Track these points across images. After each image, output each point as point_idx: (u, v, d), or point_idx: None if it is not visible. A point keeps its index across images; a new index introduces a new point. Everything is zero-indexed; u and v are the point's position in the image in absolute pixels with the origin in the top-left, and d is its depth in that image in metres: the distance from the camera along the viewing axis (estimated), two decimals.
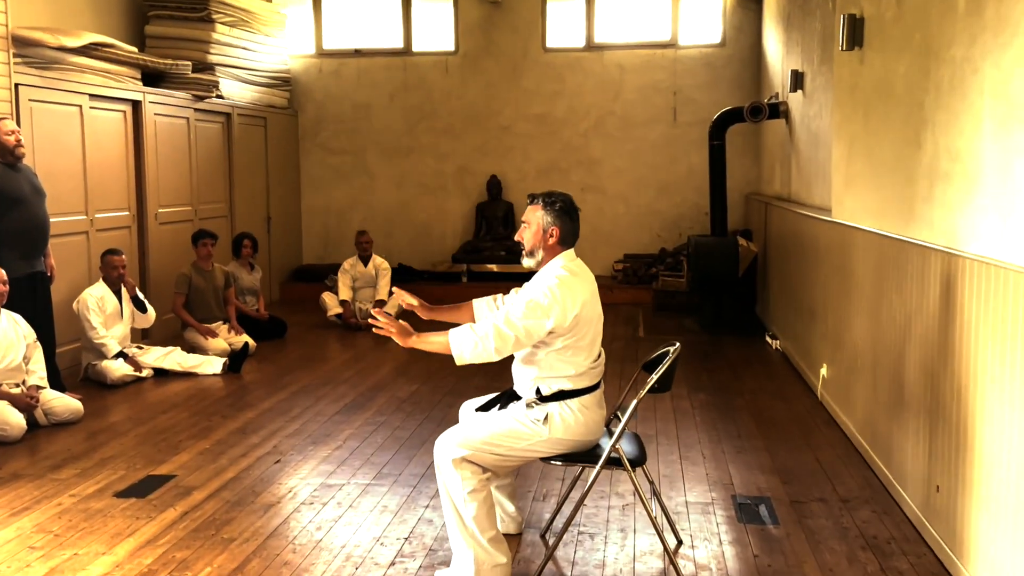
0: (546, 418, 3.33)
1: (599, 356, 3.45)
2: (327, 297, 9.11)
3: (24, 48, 6.46)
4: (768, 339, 7.75)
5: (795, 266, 6.86)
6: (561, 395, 3.35)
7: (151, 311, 7.00)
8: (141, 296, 6.95)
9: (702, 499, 4.22)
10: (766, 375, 6.71)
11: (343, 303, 8.96)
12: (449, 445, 3.31)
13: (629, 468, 3.32)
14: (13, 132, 5.74)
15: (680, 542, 3.69)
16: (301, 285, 10.95)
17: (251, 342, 7.63)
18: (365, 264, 9.20)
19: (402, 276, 10.59)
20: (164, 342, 7.46)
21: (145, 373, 6.82)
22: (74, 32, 7.02)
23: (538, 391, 3.37)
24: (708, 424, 5.44)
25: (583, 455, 3.38)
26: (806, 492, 4.29)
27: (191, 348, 7.49)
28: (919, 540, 3.71)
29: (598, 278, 3.65)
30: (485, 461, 3.31)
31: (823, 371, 5.73)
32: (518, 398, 3.47)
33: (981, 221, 3.34)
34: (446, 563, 3.48)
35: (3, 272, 5.41)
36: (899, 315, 4.14)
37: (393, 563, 3.54)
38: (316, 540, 3.76)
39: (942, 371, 3.56)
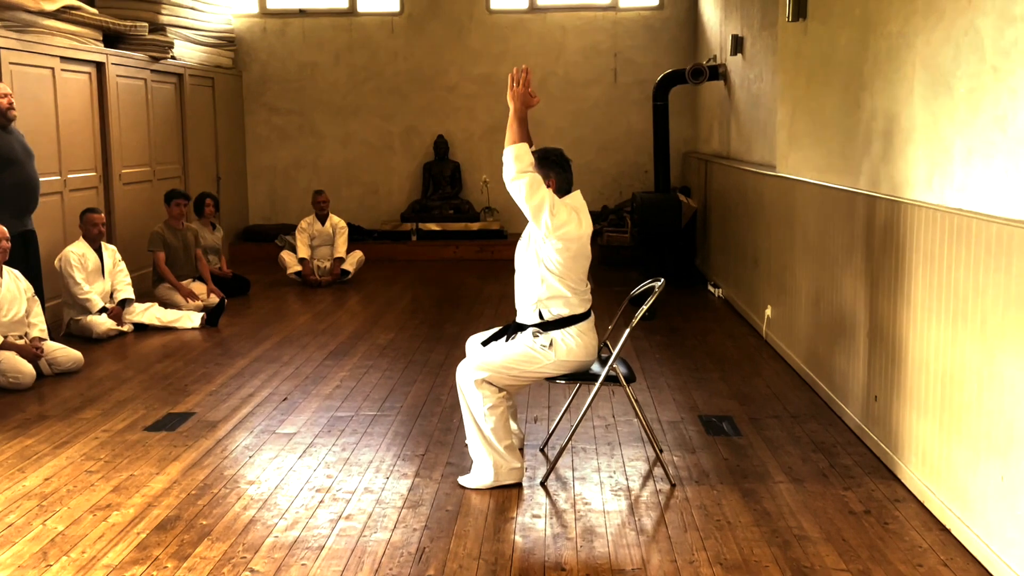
0: (551, 343, 3.86)
1: (587, 285, 4.02)
2: (286, 255, 9.43)
3: (2, 11, 6.60)
4: (711, 288, 8.42)
5: (738, 219, 7.50)
6: (562, 323, 3.89)
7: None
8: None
9: (673, 418, 4.83)
10: (712, 319, 7.37)
11: (302, 261, 9.30)
12: (470, 369, 3.84)
13: (625, 384, 3.89)
14: (6, 95, 5.96)
15: (661, 450, 4.28)
16: (250, 245, 11.18)
17: (224, 297, 7.95)
18: (322, 223, 9.54)
19: (350, 235, 10.85)
20: (136, 299, 7.70)
21: (126, 328, 7.12)
22: None
23: (540, 315, 3.88)
24: (668, 360, 6.06)
25: (584, 375, 3.94)
26: (761, 411, 4.94)
27: (164, 303, 7.76)
28: (859, 443, 4.39)
29: None
30: (501, 381, 3.85)
31: (767, 312, 6.39)
32: (522, 329, 3.99)
33: (912, 172, 3.96)
34: (464, 473, 4.00)
35: (5, 229, 5.65)
36: (841, 255, 4.79)
37: (418, 474, 4.05)
38: (344, 458, 4.24)
39: (880, 299, 4.21)
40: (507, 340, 4.00)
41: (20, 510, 3.67)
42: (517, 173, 3.82)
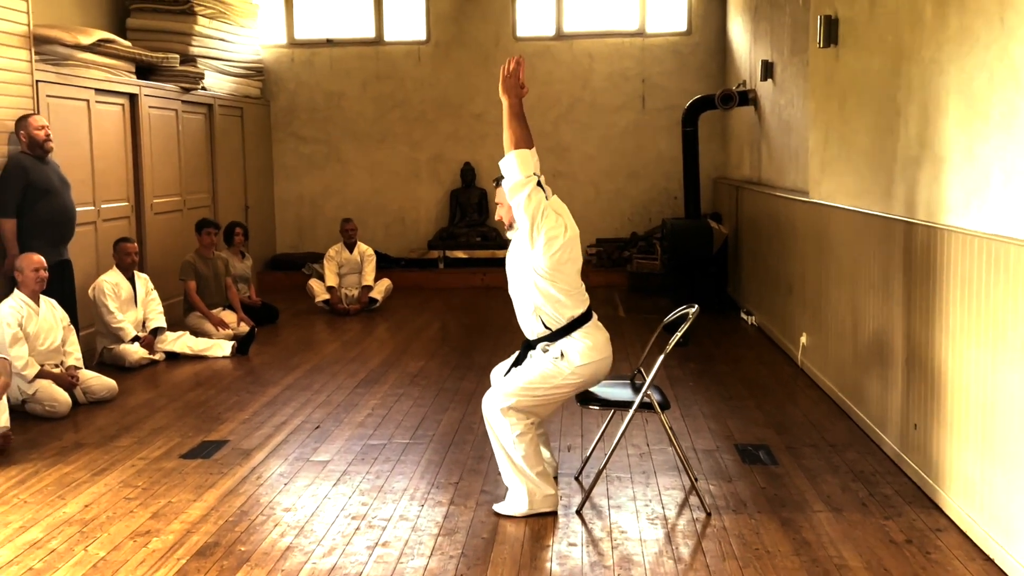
0: (562, 354, 3.83)
1: (582, 285, 3.96)
2: (314, 284, 9.48)
3: (40, 45, 6.74)
4: (744, 315, 8.37)
5: (771, 245, 7.47)
6: (566, 330, 3.84)
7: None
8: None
9: (708, 446, 4.79)
10: (746, 346, 7.32)
11: (330, 289, 9.34)
12: (496, 397, 3.84)
13: (659, 410, 3.87)
14: (43, 127, 6.07)
15: (696, 479, 4.24)
16: (278, 274, 11.23)
17: (254, 326, 7.99)
18: (350, 251, 9.60)
19: (378, 263, 10.88)
20: (168, 327, 7.74)
21: (158, 356, 7.17)
22: (85, 30, 7.32)
23: (543, 323, 3.85)
24: (702, 388, 6.02)
25: (618, 401, 3.92)
26: (798, 440, 4.89)
27: (195, 332, 7.81)
28: (899, 472, 4.33)
29: None
30: (527, 405, 3.83)
31: (803, 339, 6.34)
32: (532, 347, 3.95)
33: (949, 197, 3.94)
34: (499, 500, 3.98)
35: (43, 259, 5.73)
36: (877, 282, 4.75)
37: (452, 501, 4.04)
38: (379, 486, 4.24)
39: (917, 326, 4.16)
40: (521, 364, 3.97)
41: (62, 536, 3.70)
42: (524, 179, 3.80)
